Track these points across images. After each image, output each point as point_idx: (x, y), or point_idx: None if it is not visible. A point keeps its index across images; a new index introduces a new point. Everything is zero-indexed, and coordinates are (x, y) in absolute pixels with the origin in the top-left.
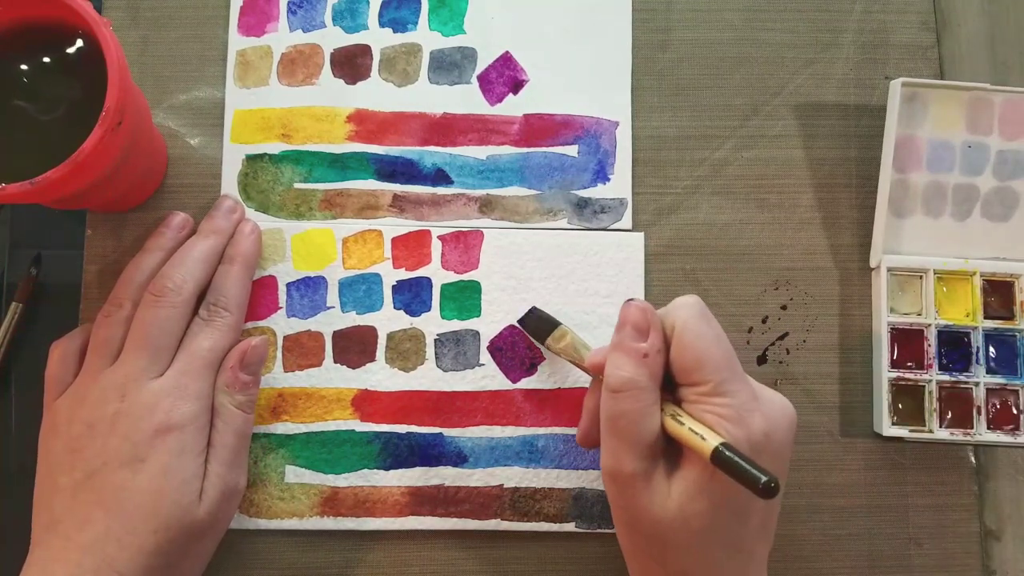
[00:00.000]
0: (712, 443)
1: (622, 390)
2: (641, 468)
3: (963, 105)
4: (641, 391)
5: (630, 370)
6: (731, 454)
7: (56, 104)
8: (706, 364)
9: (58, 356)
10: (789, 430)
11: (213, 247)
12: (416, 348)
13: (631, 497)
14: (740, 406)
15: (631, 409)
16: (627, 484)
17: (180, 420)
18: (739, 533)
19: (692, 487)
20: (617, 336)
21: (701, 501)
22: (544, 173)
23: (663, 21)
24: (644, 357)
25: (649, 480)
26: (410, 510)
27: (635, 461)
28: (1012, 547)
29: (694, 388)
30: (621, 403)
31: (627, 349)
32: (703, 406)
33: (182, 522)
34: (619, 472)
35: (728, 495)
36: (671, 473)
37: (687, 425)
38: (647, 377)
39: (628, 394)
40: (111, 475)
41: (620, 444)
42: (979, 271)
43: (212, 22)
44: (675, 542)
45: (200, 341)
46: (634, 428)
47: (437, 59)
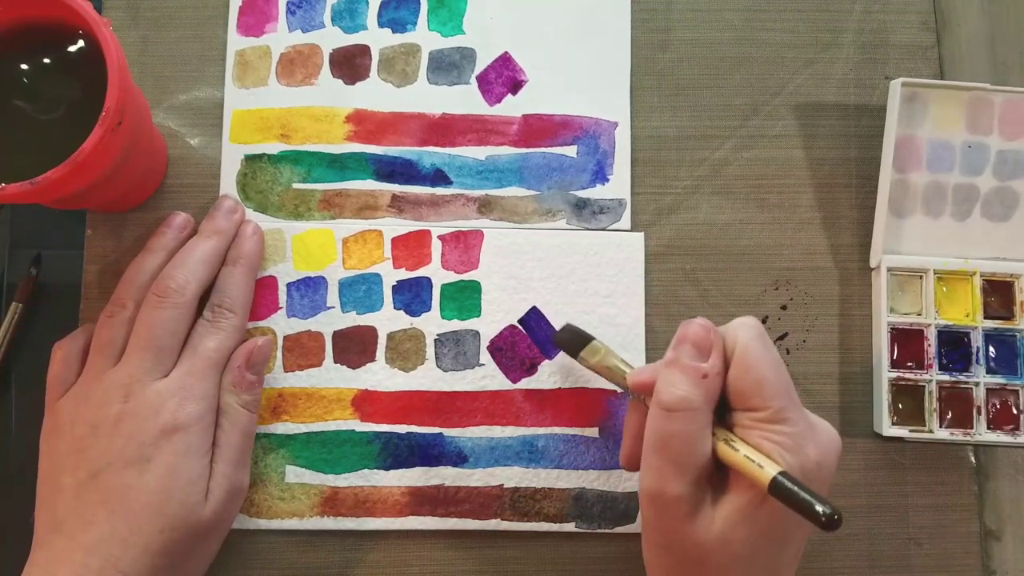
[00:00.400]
0: (770, 472)
1: (676, 409)
2: (688, 492)
3: (963, 105)
4: (696, 412)
5: (686, 389)
6: (790, 484)
7: (56, 104)
8: (766, 389)
9: (60, 357)
10: (836, 459)
11: (215, 248)
12: (416, 348)
13: (673, 520)
14: (798, 435)
15: (684, 430)
16: (670, 506)
17: (186, 420)
18: (778, 558)
19: (737, 514)
20: (673, 353)
21: (745, 528)
22: (543, 173)
23: (663, 21)
24: (703, 377)
25: (695, 505)
26: (410, 510)
27: (683, 485)
28: (1012, 547)
29: (750, 413)
30: (674, 423)
31: (685, 367)
32: (760, 432)
33: (188, 522)
34: (663, 494)
35: (772, 523)
36: (716, 499)
37: (742, 452)
38: (703, 398)
39: (682, 414)
40: (116, 475)
41: (668, 466)
42: (979, 271)
43: (212, 22)
44: (714, 565)
45: (206, 342)
46: (685, 450)
47: (436, 59)
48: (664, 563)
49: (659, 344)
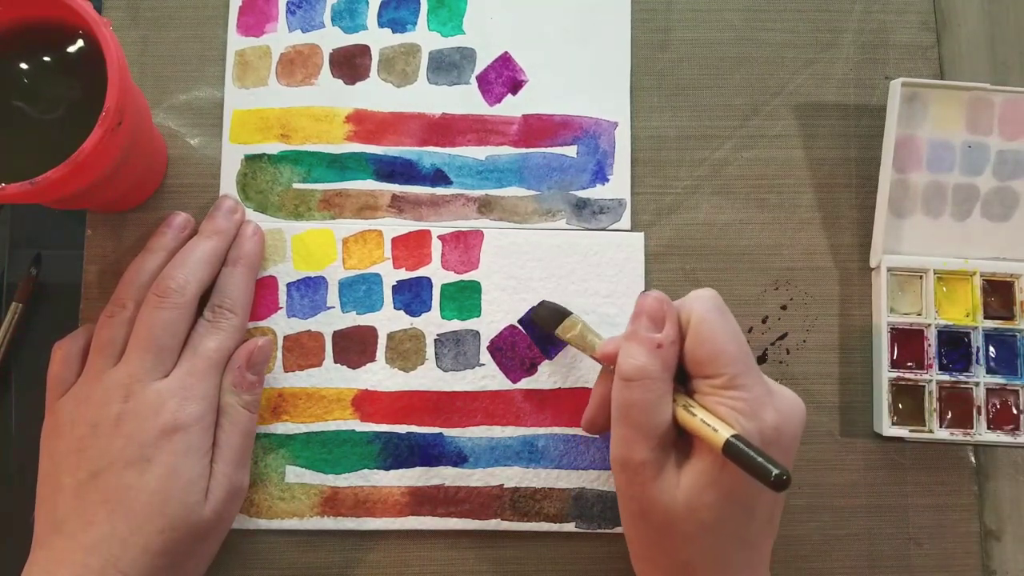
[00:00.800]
0: (724, 435)
1: (635, 379)
2: (652, 457)
3: (963, 105)
4: (654, 380)
5: (643, 359)
6: (743, 446)
7: (56, 104)
8: (721, 357)
9: (60, 356)
10: (799, 426)
11: (215, 248)
12: (416, 348)
13: (640, 486)
14: (753, 400)
15: (643, 398)
16: (637, 473)
17: (186, 420)
18: (746, 526)
19: (702, 478)
20: (632, 326)
21: (710, 492)
22: (543, 174)
23: (663, 21)
24: (658, 347)
25: (659, 470)
26: (410, 510)
27: (646, 450)
28: (1012, 547)
29: (708, 380)
30: (634, 392)
31: (641, 339)
32: (716, 398)
33: (188, 522)
34: (629, 460)
35: (737, 487)
36: (681, 464)
37: (699, 416)
38: (660, 367)
39: (641, 383)
40: (116, 475)
41: (631, 433)
42: (979, 271)
43: (212, 22)
44: (682, 532)
45: (206, 342)
46: (646, 417)
47: (436, 59)
48: (638, 532)
49: None
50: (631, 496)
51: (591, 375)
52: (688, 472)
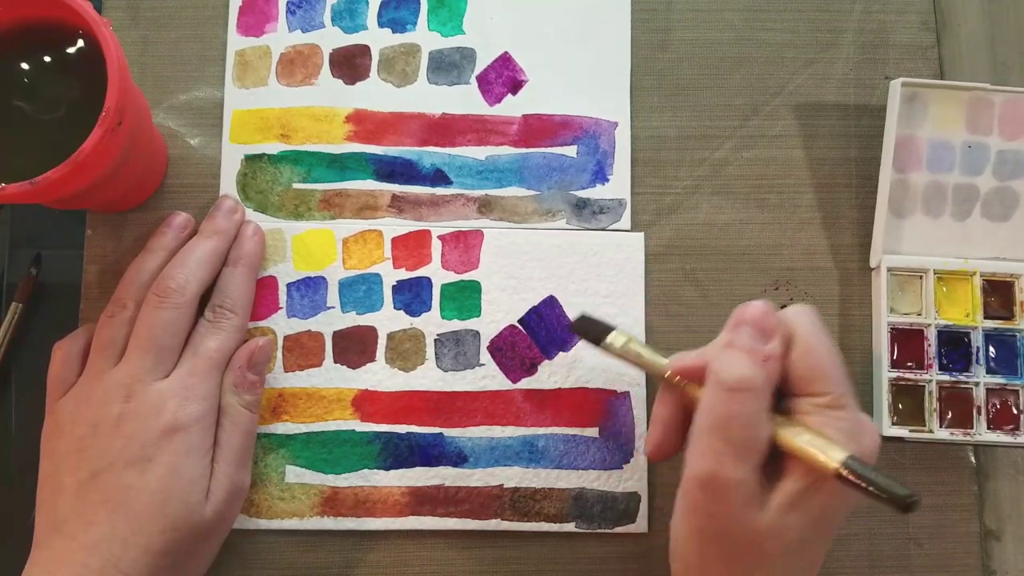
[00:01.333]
0: (839, 456)
1: (739, 389)
2: (746, 477)
3: (963, 105)
4: (758, 393)
5: (749, 369)
6: (864, 469)
7: (56, 104)
8: (828, 375)
9: (61, 356)
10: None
11: (216, 248)
12: (416, 348)
13: (726, 505)
14: (857, 421)
15: (745, 412)
16: (725, 491)
17: (187, 420)
18: (824, 548)
19: (793, 501)
20: (732, 335)
21: (798, 515)
22: (543, 174)
23: (663, 21)
24: (765, 360)
25: (750, 490)
26: (410, 510)
27: (741, 469)
28: (1012, 547)
29: (811, 399)
30: (734, 404)
31: (746, 349)
32: (820, 419)
33: (189, 522)
34: (720, 478)
35: (825, 510)
36: (770, 484)
37: (805, 437)
38: (765, 381)
39: (744, 395)
40: (117, 475)
41: (727, 449)
42: (979, 271)
43: (212, 22)
44: (763, 554)
45: (207, 343)
46: (747, 432)
47: (436, 59)
48: (709, 552)
49: (659, 344)
50: (711, 515)
51: (591, 375)
52: (778, 494)
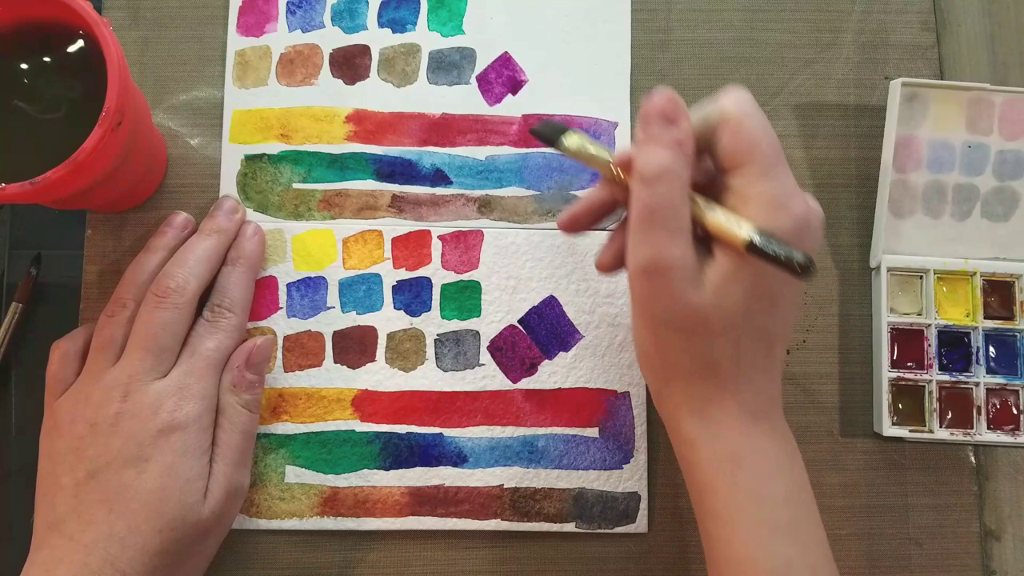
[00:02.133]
0: (746, 231)
1: (659, 178)
2: (679, 256)
3: (963, 105)
4: (677, 177)
5: (666, 157)
6: (765, 240)
7: (56, 104)
8: (758, 146)
9: (59, 355)
10: (820, 229)
11: (215, 246)
12: (416, 348)
13: (667, 287)
14: (785, 189)
15: (669, 196)
16: (664, 274)
17: (184, 420)
18: (770, 319)
19: (725, 272)
20: (644, 130)
21: (735, 285)
22: (543, 173)
23: (663, 21)
24: (677, 144)
25: (685, 269)
26: (410, 510)
27: (675, 251)
28: (1012, 547)
29: (740, 172)
30: (658, 191)
31: (659, 138)
32: (745, 191)
33: (187, 521)
34: (658, 263)
35: (759, 279)
36: (704, 264)
37: (720, 213)
38: (682, 164)
39: (665, 181)
40: (114, 475)
41: (659, 235)
42: (979, 271)
43: (212, 22)
44: (709, 330)
45: (205, 342)
46: (672, 216)
47: (436, 59)
48: (661, 339)
49: None
50: (655, 301)
51: (591, 375)
52: (712, 270)
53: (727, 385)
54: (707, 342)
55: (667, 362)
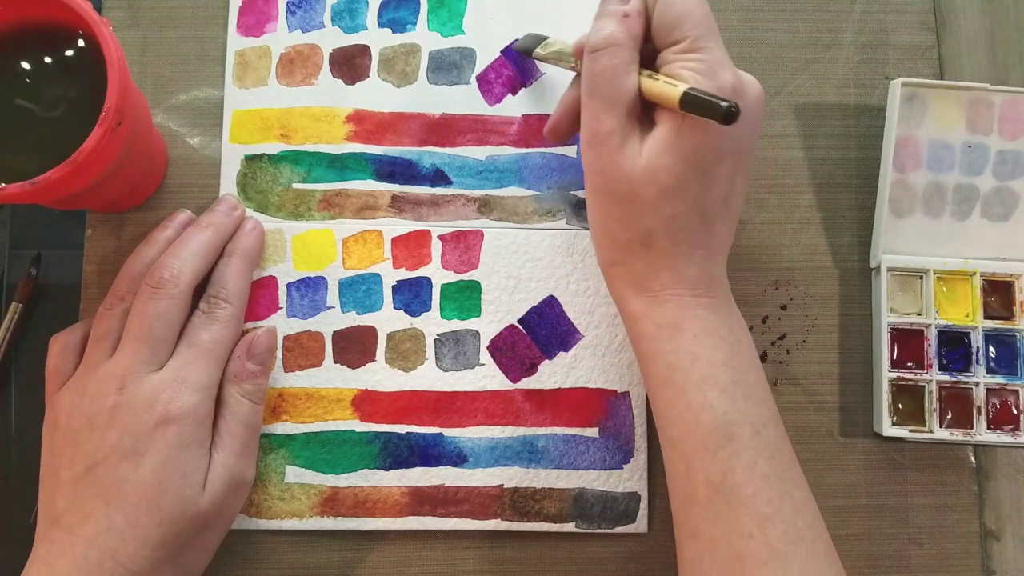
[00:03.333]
0: (682, 88)
1: (602, 47)
2: (618, 125)
3: (963, 105)
4: (620, 47)
5: (611, 27)
6: (697, 93)
7: (56, 104)
8: (686, 20)
9: (58, 349)
10: (757, 101)
11: (211, 239)
12: (416, 348)
13: (606, 156)
14: (713, 61)
15: (610, 65)
16: (604, 143)
17: (179, 413)
18: (704, 194)
19: (661, 143)
20: (601, 6)
21: (669, 155)
22: (543, 173)
23: None
24: (625, 16)
25: (624, 138)
26: (410, 510)
27: (613, 119)
28: (1012, 547)
29: (672, 48)
30: (601, 60)
31: (608, 11)
32: (679, 64)
33: (185, 514)
34: (598, 131)
35: (694, 150)
36: (644, 133)
37: (660, 79)
38: (627, 35)
39: (608, 51)
40: (112, 468)
41: (599, 103)
42: (979, 271)
43: (211, 22)
44: (643, 198)
45: (201, 333)
46: (613, 85)
47: (436, 59)
48: (603, 206)
49: None
50: (598, 170)
51: (591, 375)
52: (650, 139)
53: (664, 259)
54: (641, 212)
55: (608, 234)
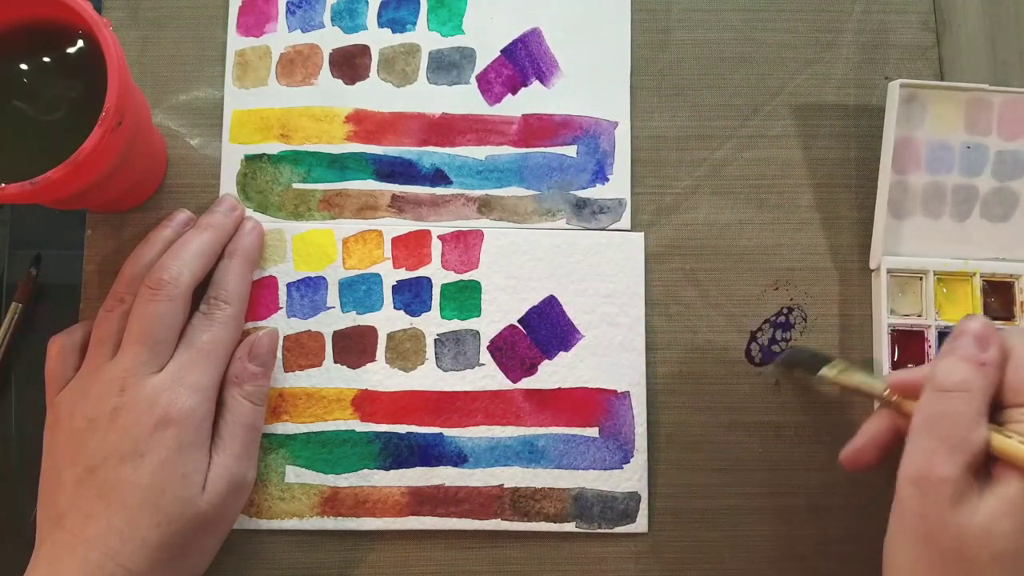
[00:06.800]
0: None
1: (954, 390)
2: (957, 475)
3: (962, 106)
4: (973, 394)
5: (965, 372)
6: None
7: (56, 104)
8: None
9: (56, 351)
10: None
11: (210, 240)
12: (416, 348)
13: (935, 505)
14: None
15: (960, 410)
16: (935, 490)
17: (178, 414)
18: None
19: (1005, 504)
20: (952, 344)
21: (1010, 521)
22: (543, 173)
23: (663, 21)
24: (982, 365)
25: (960, 489)
26: (410, 510)
27: (952, 467)
28: None
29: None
30: (949, 403)
31: (964, 355)
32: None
33: (185, 515)
34: (930, 476)
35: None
36: (983, 490)
37: (1016, 439)
38: (982, 384)
39: (960, 395)
40: (112, 470)
41: (938, 446)
42: (979, 272)
43: (211, 22)
44: (970, 560)
45: (200, 335)
46: (959, 431)
47: (436, 59)
48: (918, 555)
49: (659, 344)
50: (921, 515)
51: (591, 375)
52: (990, 497)
53: None
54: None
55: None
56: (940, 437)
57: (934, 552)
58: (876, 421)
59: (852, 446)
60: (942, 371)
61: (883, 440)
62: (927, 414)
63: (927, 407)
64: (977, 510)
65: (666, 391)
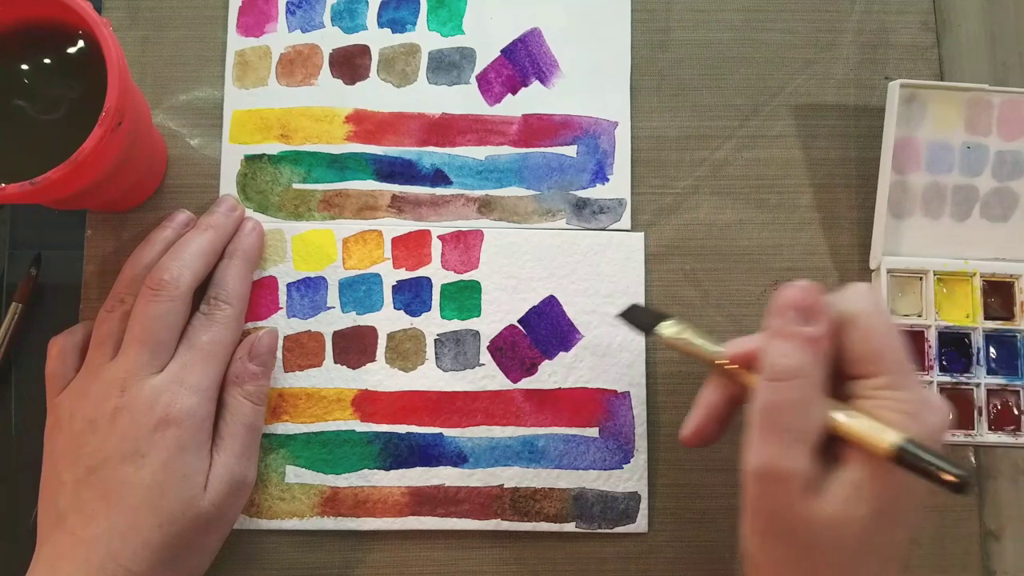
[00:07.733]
0: (895, 439)
1: (787, 378)
2: (800, 467)
3: (962, 106)
4: (808, 380)
5: (797, 357)
6: (919, 450)
7: (56, 104)
8: (885, 356)
9: (56, 352)
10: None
11: (210, 241)
12: (416, 348)
13: (782, 499)
14: (918, 401)
15: (797, 399)
16: (781, 484)
17: (179, 415)
18: (891, 543)
19: (852, 490)
20: (777, 321)
21: (861, 506)
22: (543, 173)
23: (663, 21)
24: (813, 342)
25: (806, 481)
26: (410, 510)
27: (795, 459)
28: (1012, 547)
29: (866, 381)
30: (785, 392)
31: (792, 334)
32: (878, 401)
33: (186, 516)
34: (775, 471)
35: (889, 500)
36: (827, 475)
37: (861, 420)
38: (814, 365)
39: (794, 383)
40: (113, 471)
41: (779, 439)
42: (979, 272)
43: (212, 22)
44: (826, 550)
45: (201, 335)
46: (799, 421)
47: (436, 59)
48: (772, 552)
49: (659, 344)
50: (769, 512)
51: (591, 375)
52: (837, 484)
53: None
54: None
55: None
56: (780, 429)
57: (789, 547)
58: (711, 393)
59: (692, 424)
60: (773, 357)
61: (722, 412)
62: (763, 405)
63: (763, 398)
64: (826, 498)
65: (666, 391)
